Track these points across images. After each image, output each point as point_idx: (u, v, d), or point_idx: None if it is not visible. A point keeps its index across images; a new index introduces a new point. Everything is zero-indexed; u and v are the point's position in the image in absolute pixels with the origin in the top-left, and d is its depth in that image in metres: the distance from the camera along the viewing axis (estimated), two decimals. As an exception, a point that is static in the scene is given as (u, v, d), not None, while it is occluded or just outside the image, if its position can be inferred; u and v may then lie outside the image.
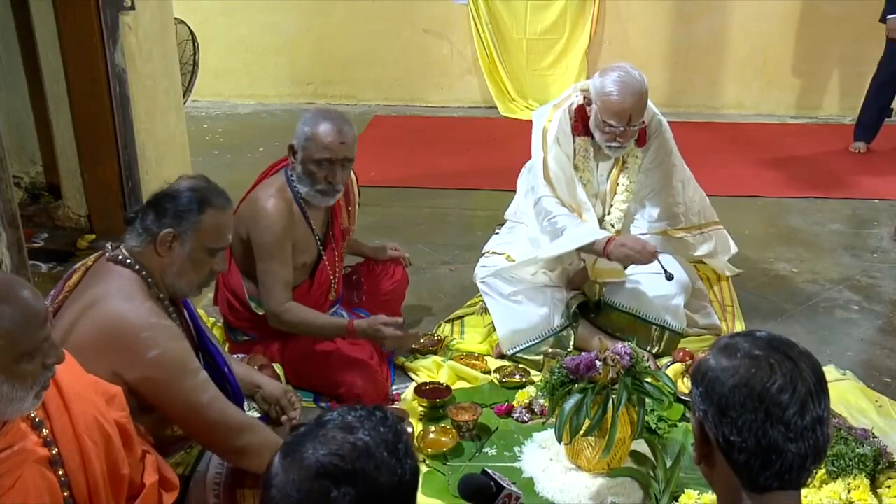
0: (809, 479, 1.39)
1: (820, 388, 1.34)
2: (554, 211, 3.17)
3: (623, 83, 3.05)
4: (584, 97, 3.21)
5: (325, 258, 3.01)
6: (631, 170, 3.30)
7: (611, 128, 3.09)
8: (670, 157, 3.35)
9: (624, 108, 3.05)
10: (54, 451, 1.68)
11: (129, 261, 2.09)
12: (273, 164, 3.02)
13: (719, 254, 3.83)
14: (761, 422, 1.31)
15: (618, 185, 3.32)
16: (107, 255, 2.12)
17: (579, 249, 3.20)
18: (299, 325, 2.87)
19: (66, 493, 1.69)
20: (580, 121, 3.24)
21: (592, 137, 3.22)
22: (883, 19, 5.46)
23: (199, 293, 2.25)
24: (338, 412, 1.27)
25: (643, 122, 3.18)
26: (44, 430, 1.68)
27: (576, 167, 3.28)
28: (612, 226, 3.34)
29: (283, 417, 2.43)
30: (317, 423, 1.26)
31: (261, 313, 2.93)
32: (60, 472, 1.68)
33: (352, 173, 3.05)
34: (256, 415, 2.49)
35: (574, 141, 3.26)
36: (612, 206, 3.35)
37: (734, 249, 3.90)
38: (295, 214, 2.87)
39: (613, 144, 3.15)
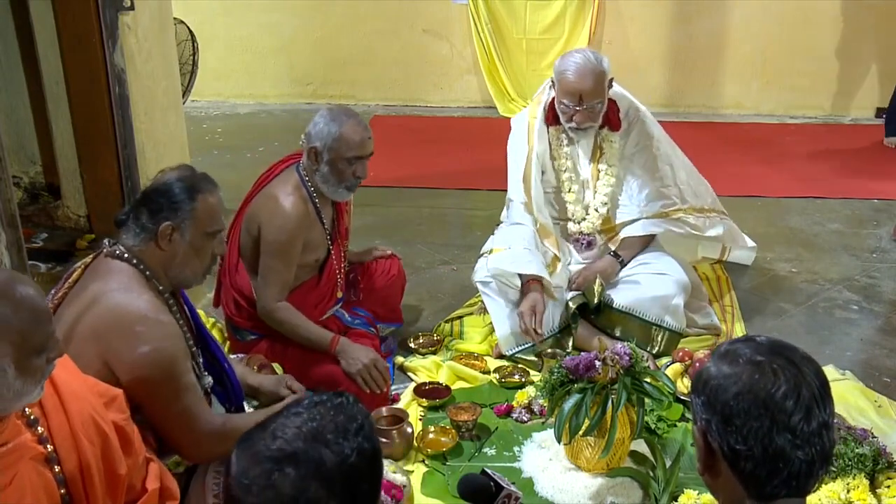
0: (816, 485, 1.36)
1: (824, 392, 1.31)
2: (520, 221, 3.29)
3: (577, 64, 3.15)
4: (552, 84, 3.31)
5: (332, 255, 3.06)
6: (608, 154, 3.34)
7: (564, 106, 3.21)
8: (653, 140, 3.38)
9: (574, 87, 3.15)
10: (50, 449, 1.68)
11: (126, 255, 2.11)
12: (282, 160, 3.05)
13: (733, 244, 3.87)
14: (767, 429, 1.28)
15: (598, 171, 3.35)
16: (104, 251, 2.14)
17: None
18: (285, 324, 2.92)
19: (62, 491, 1.69)
20: (552, 111, 3.32)
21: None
22: None
23: (204, 280, 2.26)
24: (298, 401, 1.31)
25: (599, 102, 3.20)
26: (39, 428, 1.68)
27: (553, 157, 3.35)
28: (597, 210, 3.38)
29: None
30: (275, 413, 1.30)
31: None
32: (57, 469, 1.68)
33: None
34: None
35: (548, 132, 3.35)
36: (595, 192, 3.37)
37: (751, 243, 3.92)
38: (310, 213, 2.93)
39: (571, 125, 3.24)
